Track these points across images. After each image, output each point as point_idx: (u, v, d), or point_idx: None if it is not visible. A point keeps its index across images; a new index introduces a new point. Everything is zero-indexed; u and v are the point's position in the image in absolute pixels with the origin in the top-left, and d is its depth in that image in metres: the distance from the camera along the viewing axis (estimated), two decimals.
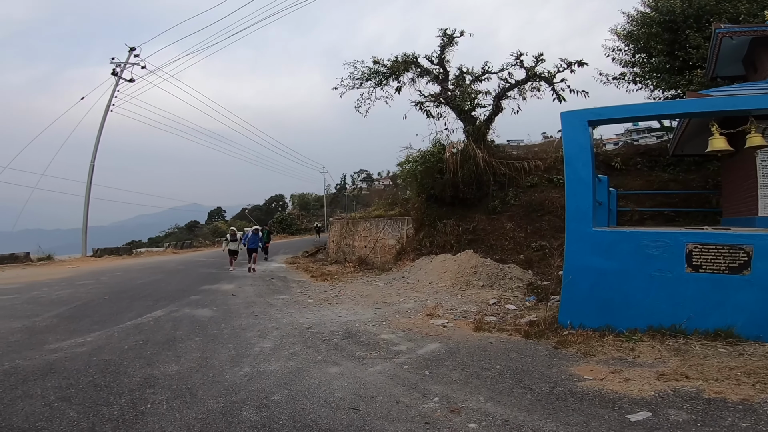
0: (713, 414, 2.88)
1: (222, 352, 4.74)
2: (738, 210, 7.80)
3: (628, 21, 14.85)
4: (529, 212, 10.99)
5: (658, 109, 5.44)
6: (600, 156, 13.05)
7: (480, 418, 3.00)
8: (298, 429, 2.83)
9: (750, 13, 11.57)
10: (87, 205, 20.70)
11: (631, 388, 3.41)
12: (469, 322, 6.01)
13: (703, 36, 11.74)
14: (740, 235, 4.50)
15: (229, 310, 7.27)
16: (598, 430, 2.78)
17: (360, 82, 13.23)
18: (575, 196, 5.17)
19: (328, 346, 4.95)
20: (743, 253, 4.35)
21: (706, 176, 11.00)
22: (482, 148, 11.71)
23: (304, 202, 69.87)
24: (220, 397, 3.38)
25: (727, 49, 9.24)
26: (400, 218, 13.59)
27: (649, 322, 4.63)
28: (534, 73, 12.29)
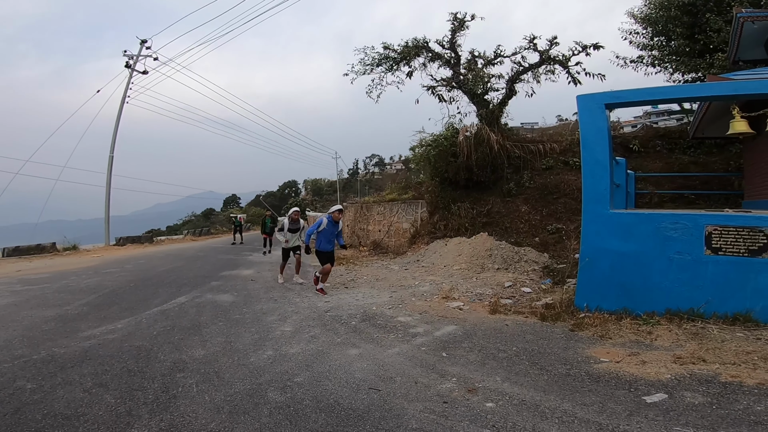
0: (729, 397, 2.91)
1: (245, 336, 4.92)
2: (760, 193, 7.61)
3: (646, 4, 14.48)
4: (544, 195, 10.89)
5: (677, 92, 5.30)
6: (618, 138, 12.77)
7: (497, 398, 3.09)
8: (321, 409, 2.96)
9: None
10: (108, 196, 21.26)
11: (648, 370, 3.45)
12: (484, 304, 6.08)
13: (724, 20, 11.43)
14: (760, 218, 4.41)
15: (249, 295, 7.48)
16: (614, 410, 2.84)
17: (371, 67, 13.10)
18: (592, 178, 5.13)
19: (346, 329, 5.09)
20: (763, 236, 4.27)
21: (728, 159, 10.75)
22: (496, 131, 11.56)
23: (317, 188, 70.32)
24: (246, 380, 3.54)
25: (749, 33, 9.00)
26: (414, 202, 13.61)
27: (667, 305, 4.62)
28: (548, 57, 11.97)
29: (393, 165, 77.27)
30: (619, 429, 2.57)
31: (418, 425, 2.70)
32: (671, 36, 13.83)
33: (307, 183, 73.62)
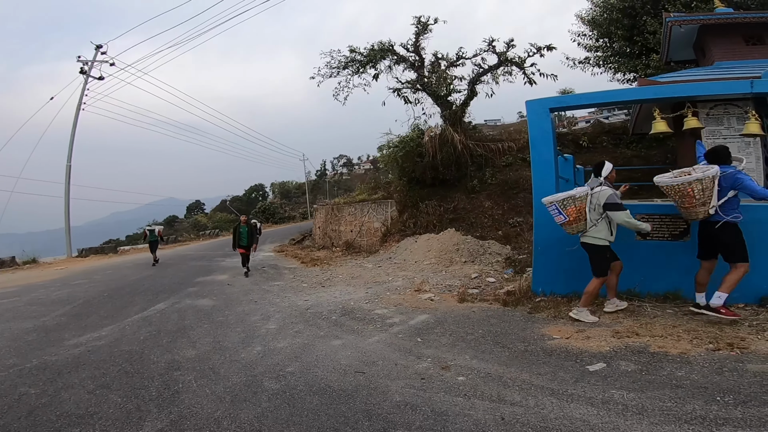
0: (655, 365, 3.44)
1: (232, 335, 5.20)
2: None
3: (592, 6, 15.43)
4: (505, 190, 11.62)
5: (610, 96, 6.02)
6: (569, 135, 13.76)
7: (467, 372, 3.58)
8: (314, 392, 3.35)
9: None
10: (68, 206, 20.46)
11: (591, 344, 4.01)
12: (453, 294, 6.62)
13: (658, 22, 12.27)
14: None
15: (228, 299, 7.69)
16: (563, 378, 3.36)
17: (337, 70, 13.43)
18: (540, 175, 5.79)
19: (328, 323, 5.48)
20: (683, 222, 5.02)
21: (666, 152, 11.78)
22: (459, 131, 12.20)
23: (285, 191, 69.54)
24: (241, 373, 3.87)
25: (677, 36, 9.93)
26: (384, 201, 14.07)
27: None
28: (506, 59, 12.70)
29: (361, 165, 77.63)
30: (567, 393, 3.08)
31: (401, 398, 3.15)
32: (613, 38, 14.77)
33: (275, 186, 72.63)
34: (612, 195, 4.68)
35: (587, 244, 4.87)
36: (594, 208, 4.76)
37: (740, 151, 7.44)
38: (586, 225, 4.79)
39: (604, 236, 4.76)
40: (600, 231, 4.75)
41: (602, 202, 4.67)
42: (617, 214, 4.62)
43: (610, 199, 4.64)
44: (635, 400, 2.88)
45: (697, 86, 5.60)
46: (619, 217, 4.62)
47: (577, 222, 4.80)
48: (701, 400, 2.80)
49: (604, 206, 4.67)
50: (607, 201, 4.65)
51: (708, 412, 2.64)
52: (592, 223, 4.77)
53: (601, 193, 4.70)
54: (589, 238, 4.83)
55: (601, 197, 4.68)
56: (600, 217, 4.75)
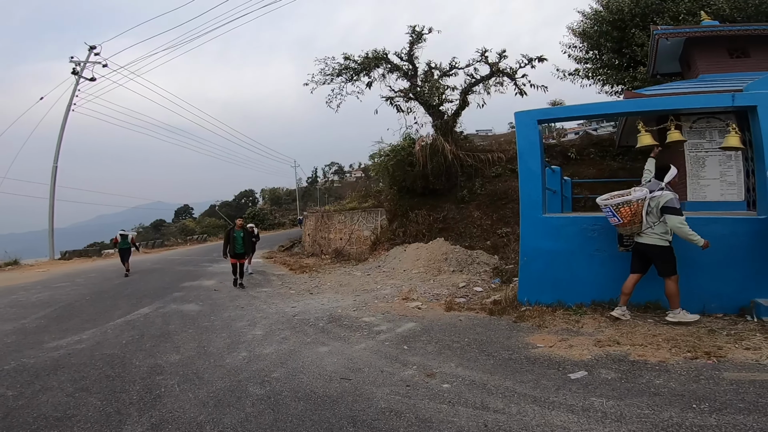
0: (635, 373, 3.50)
1: (217, 341, 5.15)
2: None
3: (583, 19, 15.55)
4: (494, 201, 11.74)
5: (596, 109, 6.19)
6: (558, 147, 13.97)
7: (452, 380, 3.60)
8: (299, 398, 3.34)
9: (690, 12, 12.31)
10: (52, 208, 20.14)
11: (574, 353, 4.07)
12: (441, 303, 6.65)
13: (646, 34, 12.35)
14: None
15: (215, 304, 7.62)
16: (546, 385, 3.40)
17: (331, 77, 13.53)
18: (527, 186, 5.88)
19: (315, 330, 5.46)
20: None
21: None
22: (450, 141, 12.33)
23: (275, 197, 69.19)
24: (226, 378, 3.83)
25: (664, 48, 10.04)
26: (374, 210, 14.12)
27: (592, 296, 5.39)
28: (498, 69, 12.86)
29: (352, 173, 77.69)
30: (549, 400, 3.12)
31: (386, 405, 3.16)
32: (602, 50, 14.94)
33: (265, 192, 72.23)
34: (673, 199, 4.67)
35: (647, 245, 4.83)
36: (652, 211, 4.77)
37: (721, 165, 7.67)
38: (641, 227, 4.82)
39: (663, 237, 4.74)
40: (657, 233, 4.75)
41: (662, 204, 4.68)
42: (673, 218, 4.60)
43: (670, 202, 4.65)
44: (614, 407, 2.93)
45: (679, 99, 5.76)
46: (674, 221, 4.60)
47: (632, 224, 4.83)
48: (678, 408, 2.86)
49: (662, 209, 4.67)
50: (667, 204, 4.65)
51: (684, 419, 2.70)
52: (648, 225, 4.78)
53: (662, 196, 4.71)
54: (647, 238, 4.82)
55: (662, 200, 4.69)
56: (657, 221, 4.75)
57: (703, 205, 7.51)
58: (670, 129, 5.41)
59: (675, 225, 4.60)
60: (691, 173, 7.63)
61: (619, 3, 13.76)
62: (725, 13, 11.96)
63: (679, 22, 12.25)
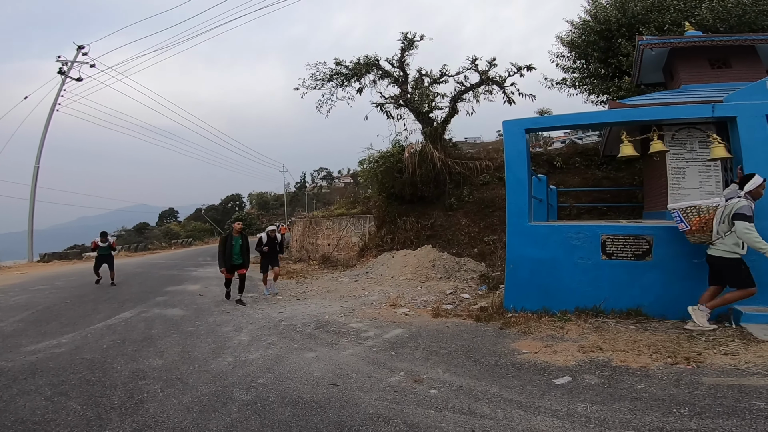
0: (617, 378, 3.58)
1: (202, 346, 5.07)
2: (655, 205, 8.97)
3: (572, 28, 15.65)
4: (482, 208, 11.87)
5: (581, 119, 6.34)
6: (544, 156, 14.20)
7: (439, 386, 3.62)
8: (286, 403, 3.31)
9: (674, 22, 12.45)
10: (32, 209, 19.62)
11: (558, 358, 4.14)
12: (428, 309, 6.67)
13: (632, 44, 12.25)
14: (643, 227, 5.46)
15: (199, 309, 7.50)
16: (531, 391, 3.45)
17: (322, 82, 13.59)
18: (514, 195, 5.97)
19: (302, 336, 5.42)
20: (645, 242, 5.28)
21: (633, 174, 12.14)
22: (439, 148, 12.45)
23: (262, 201, 68.67)
24: (211, 383, 3.78)
25: (648, 58, 10.18)
26: (362, 216, 14.12)
27: (576, 303, 5.48)
28: (487, 77, 13.04)
29: (341, 179, 77.65)
30: (534, 405, 3.16)
31: (374, 410, 3.15)
32: (589, 59, 15.06)
33: (252, 196, 71.64)
34: (746, 206, 4.42)
35: (713, 257, 4.64)
36: (724, 219, 4.57)
37: (701, 175, 7.87)
38: (711, 236, 4.66)
39: (731, 249, 4.50)
40: (727, 244, 4.52)
41: (734, 211, 4.44)
42: (740, 224, 4.35)
43: (743, 209, 4.40)
44: (598, 412, 2.99)
45: (661, 110, 5.93)
46: (740, 226, 4.35)
47: (701, 232, 4.68)
48: (659, 412, 2.92)
49: (733, 216, 4.43)
50: (739, 210, 4.40)
51: (665, 423, 2.76)
52: (719, 236, 4.58)
53: (737, 204, 4.47)
54: (715, 250, 4.64)
55: (735, 207, 4.46)
56: (729, 230, 4.51)
57: None
58: (652, 139, 5.56)
59: (741, 231, 4.35)
60: (671, 183, 7.83)
61: (607, 13, 13.97)
62: (708, 24, 12.08)
63: (664, 32, 12.40)
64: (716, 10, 12.17)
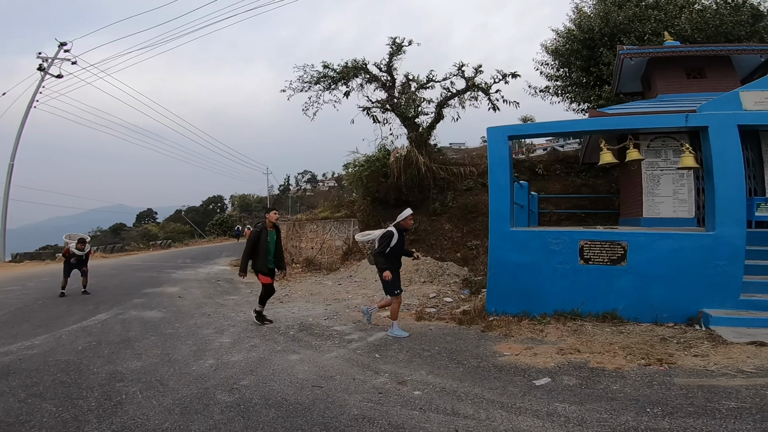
0: (594, 379, 3.71)
1: (182, 348, 4.99)
2: (631, 211, 9.26)
3: (556, 37, 15.92)
4: (465, 214, 12.00)
5: (562, 127, 6.53)
6: (526, 162, 14.48)
7: (423, 387, 3.66)
8: (270, 405, 3.30)
9: (654, 32, 12.76)
10: (5, 208, 18.91)
11: (538, 360, 4.25)
12: (412, 313, 6.72)
13: (613, 54, 12.28)
14: (618, 233, 5.66)
15: (179, 311, 7.37)
16: (512, 392, 3.53)
17: (309, 85, 13.52)
18: (496, 201, 6.08)
19: (285, 338, 5.39)
20: (620, 248, 5.47)
21: (611, 181, 12.48)
22: (424, 153, 12.55)
23: (245, 204, 67.77)
24: (192, 386, 3.73)
25: (628, 68, 10.39)
26: (346, 220, 14.09)
27: (555, 307, 5.62)
28: (473, 84, 13.11)
29: (325, 182, 77.38)
30: (515, 406, 3.23)
31: (358, 412, 3.17)
32: (572, 68, 15.30)
33: (235, 198, 70.59)
34: None
35: None
36: None
37: (674, 183, 8.16)
38: None
39: None
40: None
41: None
42: None
43: None
44: (576, 412, 3.08)
45: (637, 119, 6.14)
46: None
47: None
48: (633, 412, 3.03)
49: None
50: None
51: (639, 423, 2.87)
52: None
53: None
54: None
55: None
56: None
57: (657, 221, 7.98)
58: (629, 147, 5.76)
59: None
60: (646, 190, 8.11)
61: (591, 22, 14.27)
62: (687, 34, 12.37)
63: (645, 42, 12.64)
64: (695, 21, 12.45)
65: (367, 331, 5.75)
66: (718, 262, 5.14)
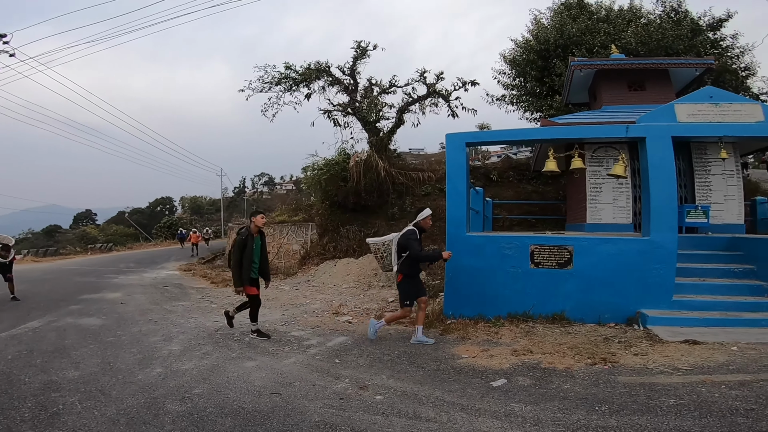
0: (546, 379, 3.86)
1: (126, 356, 4.68)
2: (575, 217, 9.81)
3: (515, 47, 16.48)
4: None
5: (515, 135, 6.88)
6: (482, 169, 14.96)
7: (384, 391, 3.66)
8: (226, 414, 3.16)
9: (603, 45, 13.42)
10: None
11: (494, 362, 4.37)
12: (371, 317, 6.69)
13: (565, 65, 12.58)
14: (564, 238, 6.00)
15: (121, 318, 6.90)
16: (471, 394, 3.59)
17: (269, 86, 13.26)
18: (453, 206, 6.24)
19: (240, 345, 5.19)
20: (567, 252, 5.79)
21: (558, 188, 13.11)
22: (384, 158, 12.64)
23: (196, 206, 64.77)
24: (138, 395, 3.50)
25: (577, 79, 10.91)
26: (304, 224, 13.87)
27: (508, 310, 5.83)
28: (434, 90, 13.43)
29: (283, 185, 75.71)
30: (475, 408, 3.30)
31: (320, 418, 3.11)
32: (527, 78, 15.90)
33: (185, 200, 67.17)
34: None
35: None
36: None
37: (615, 191, 8.74)
38: None
39: None
40: None
41: None
42: None
43: None
44: (532, 412, 3.18)
45: (581, 129, 6.55)
46: None
47: None
48: (584, 410, 3.17)
49: None
50: None
51: (590, 421, 2.99)
52: None
53: None
54: None
55: None
56: None
57: (599, 226, 8.53)
58: (574, 156, 6.11)
59: None
60: (590, 197, 8.64)
61: (547, 34, 14.92)
62: (632, 47, 13.08)
63: (594, 54, 13.28)
64: (640, 34, 13.23)
65: (326, 336, 5.66)
66: (653, 266, 5.56)
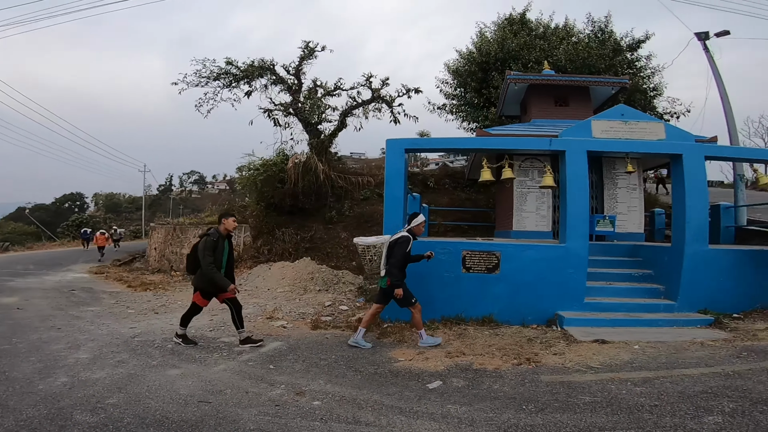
0: (478, 380, 4.00)
1: (23, 365, 4.15)
2: (503, 224, 10.40)
3: (459, 58, 17.00)
4: (361, 223, 12.20)
5: (452, 143, 7.22)
6: (420, 176, 15.37)
7: (322, 397, 3.58)
8: (148, 424, 2.89)
9: (537, 61, 14.15)
10: None
11: (429, 364, 4.46)
12: (307, 322, 6.55)
13: (502, 78, 12.99)
14: (493, 244, 6.37)
15: (17, 325, 6.08)
16: (409, 396, 3.63)
17: (206, 80, 12.53)
18: (391, 211, 6.35)
19: (162, 352, 4.80)
20: (495, 258, 6.14)
21: (490, 196, 13.75)
22: (324, 161, 12.50)
23: (112, 204, 58.88)
24: (40, 405, 3.13)
25: (511, 92, 11.55)
26: (238, 226, 13.22)
27: (442, 313, 6.03)
28: (379, 95, 13.47)
29: (215, 185, 71.54)
30: (413, 410, 3.34)
31: (255, 426, 2.96)
32: (467, 88, 16.45)
33: (99, 197, 60.63)
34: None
35: None
36: None
37: (537, 201, 9.43)
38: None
39: None
40: None
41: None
42: None
43: None
44: (466, 413, 3.28)
45: (510, 140, 7.00)
46: None
47: None
48: (513, 410, 3.32)
49: None
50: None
51: (519, 420, 3.14)
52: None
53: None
54: None
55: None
56: None
57: (524, 233, 9.15)
58: (504, 167, 6.51)
59: None
60: (516, 206, 9.25)
61: (489, 47, 15.57)
62: (561, 64, 13.90)
63: (528, 69, 13.96)
64: (569, 52, 14.16)
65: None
66: (568, 270, 6.07)
